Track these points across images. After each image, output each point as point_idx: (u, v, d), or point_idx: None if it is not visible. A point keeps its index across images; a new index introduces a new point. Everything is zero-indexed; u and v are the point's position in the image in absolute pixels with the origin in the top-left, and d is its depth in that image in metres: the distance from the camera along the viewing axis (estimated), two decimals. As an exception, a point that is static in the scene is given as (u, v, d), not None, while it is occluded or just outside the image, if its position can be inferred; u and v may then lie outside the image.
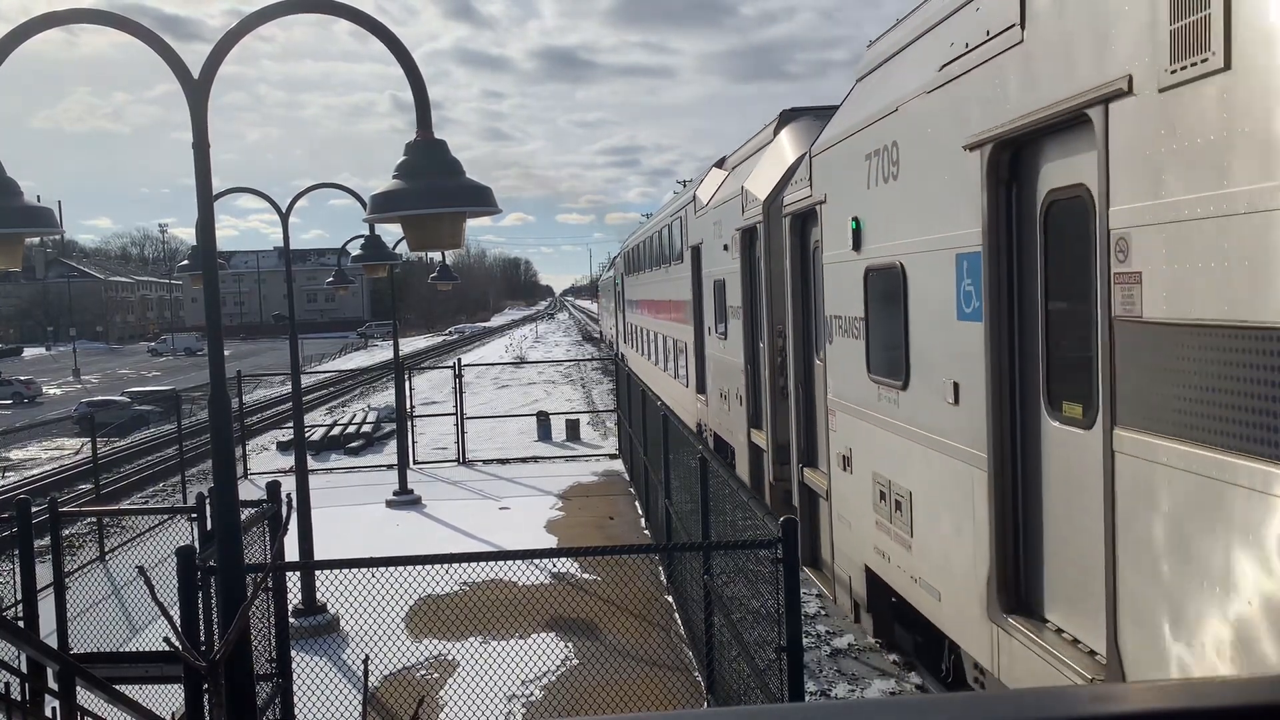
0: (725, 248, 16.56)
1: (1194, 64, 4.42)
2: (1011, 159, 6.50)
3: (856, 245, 9.45)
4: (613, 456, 23.04)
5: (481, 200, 4.54)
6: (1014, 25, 6.13)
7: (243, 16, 5.05)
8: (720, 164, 19.40)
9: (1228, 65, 4.22)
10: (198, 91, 4.92)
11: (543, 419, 27.00)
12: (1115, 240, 5.11)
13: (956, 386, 7.25)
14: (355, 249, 14.57)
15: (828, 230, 10.52)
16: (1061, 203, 6.02)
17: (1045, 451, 6.34)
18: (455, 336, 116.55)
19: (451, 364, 24.60)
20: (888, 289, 8.69)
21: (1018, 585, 6.65)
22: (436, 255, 21.71)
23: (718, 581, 8.65)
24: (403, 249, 18.83)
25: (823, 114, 12.33)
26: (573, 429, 26.31)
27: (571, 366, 52.51)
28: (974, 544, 7.01)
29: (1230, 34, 4.18)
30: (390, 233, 44.98)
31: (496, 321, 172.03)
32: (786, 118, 14.56)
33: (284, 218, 12.19)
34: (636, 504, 17.90)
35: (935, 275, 7.60)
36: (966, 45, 6.87)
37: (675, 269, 23.31)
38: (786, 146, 13.76)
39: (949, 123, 7.17)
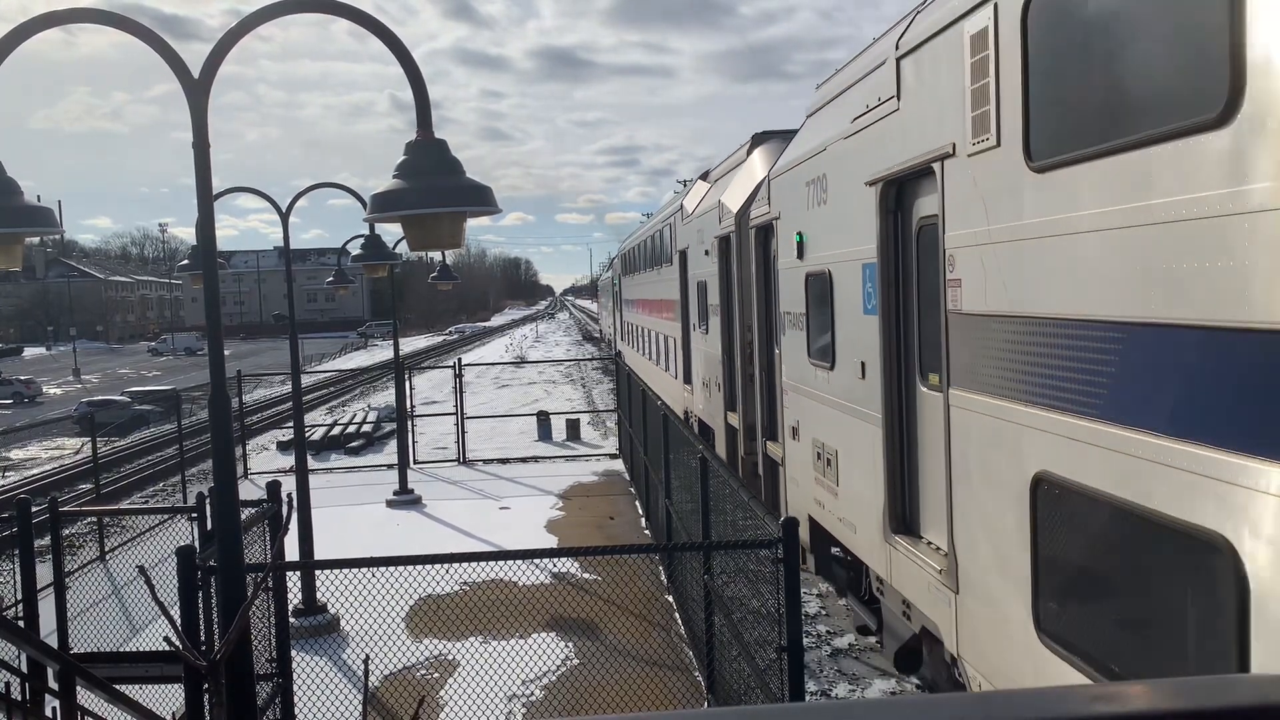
0: (706, 253, 18.46)
1: (982, 140, 6.50)
2: (896, 194, 8.47)
3: (800, 255, 11.43)
4: (613, 456, 23.04)
5: (482, 200, 4.54)
6: (893, 96, 8.21)
7: (241, 16, 5.05)
8: (704, 177, 21.31)
9: (999, 143, 6.26)
10: (198, 91, 4.92)
11: (543, 419, 27.00)
12: (948, 256, 7.08)
13: (863, 365, 9.22)
14: (355, 249, 14.57)
15: (781, 242, 12.49)
16: (926, 228, 7.89)
17: (919, 411, 8.33)
18: (455, 336, 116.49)
19: (452, 364, 24.60)
20: (821, 291, 10.64)
21: (904, 513, 8.64)
22: (436, 255, 21.72)
23: (718, 581, 8.66)
24: (403, 249, 18.84)
25: (789, 137, 13.64)
26: (573, 429, 26.30)
27: (572, 366, 52.52)
28: (875, 485, 8.96)
29: (1000, 123, 6.25)
30: (390, 232, 44.96)
31: (497, 321, 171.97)
32: (758, 139, 16.15)
33: (284, 217, 12.20)
34: (637, 504, 17.90)
35: (850, 280, 9.59)
36: (867, 106, 8.93)
37: (665, 271, 25.29)
38: (757, 165, 15.21)
39: (857, 163, 9.16)
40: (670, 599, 12.43)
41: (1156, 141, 4.68)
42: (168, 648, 4.04)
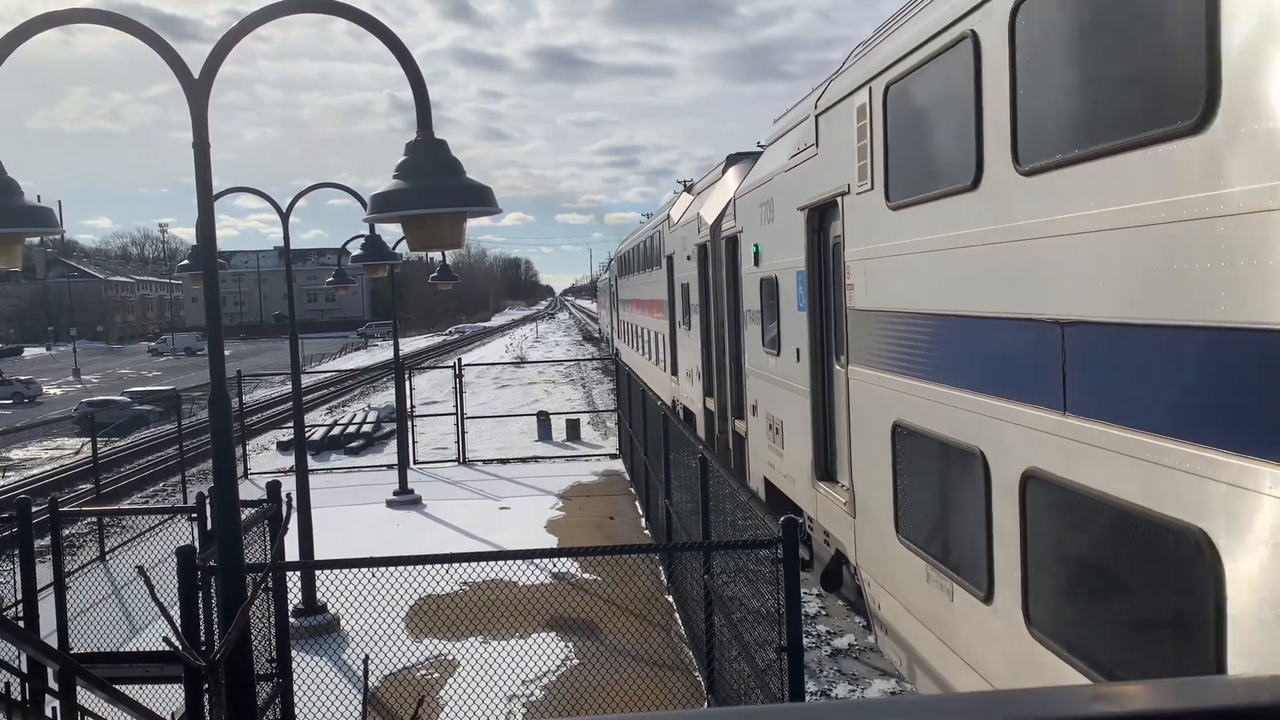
0: (689, 258, 20.99)
1: (864, 184, 8.95)
2: (819, 218, 10.91)
3: (757, 263, 13.95)
4: (613, 456, 23.03)
5: (482, 200, 4.53)
6: (814, 144, 10.73)
7: (240, 16, 5.05)
8: (689, 189, 23.83)
9: (873, 187, 8.69)
10: (198, 91, 4.91)
11: (543, 419, 26.98)
12: (846, 267, 9.55)
13: (798, 351, 11.67)
14: (355, 249, 14.56)
15: (744, 251, 15.01)
16: (836, 245, 10.13)
17: (835, 385, 10.63)
18: (455, 336, 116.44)
19: (452, 364, 24.58)
20: (771, 292, 13.15)
21: (826, 464, 11.17)
22: (437, 255, 21.72)
23: (718, 581, 8.65)
24: (403, 249, 18.82)
25: (758, 158, 15.46)
26: (573, 429, 26.29)
27: (572, 366, 52.50)
28: (805, 445, 11.53)
29: (872, 173, 8.68)
30: (390, 233, 44.93)
31: (497, 321, 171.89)
32: (732, 160, 18.11)
33: (284, 217, 12.19)
34: (637, 504, 17.89)
35: (789, 284, 12.00)
36: (798, 148, 11.40)
37: (655, 274, 28.03)
38: (730, 183, 17.04)
39: (793, 192, 11.64)
40: (670, 599, 12.43)
41: (947, 195, 7.08)
42: (168, 648, 4.04)
